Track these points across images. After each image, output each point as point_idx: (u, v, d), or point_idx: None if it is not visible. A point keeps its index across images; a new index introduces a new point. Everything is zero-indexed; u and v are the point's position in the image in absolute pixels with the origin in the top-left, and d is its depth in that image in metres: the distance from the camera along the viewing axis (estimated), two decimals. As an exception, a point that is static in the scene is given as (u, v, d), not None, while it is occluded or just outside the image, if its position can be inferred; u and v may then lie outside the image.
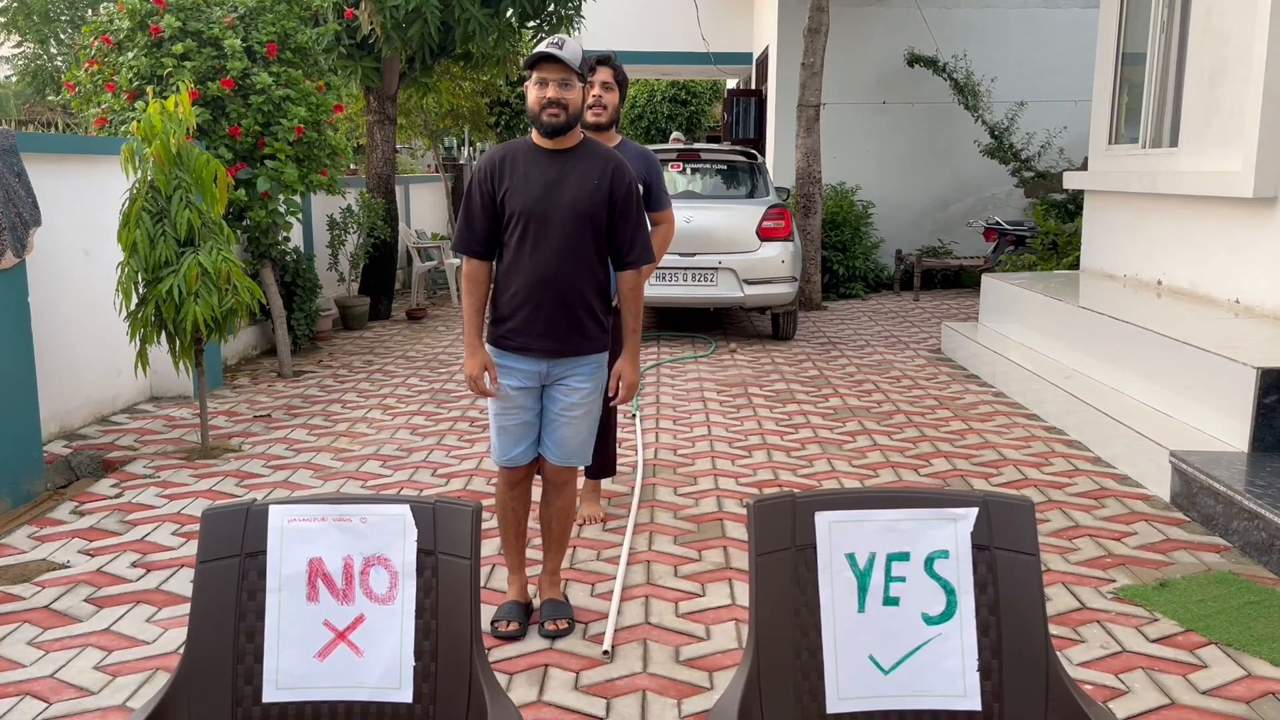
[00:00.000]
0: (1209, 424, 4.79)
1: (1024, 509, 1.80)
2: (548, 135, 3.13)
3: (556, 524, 3.44)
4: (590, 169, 3.17)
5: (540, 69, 3.09)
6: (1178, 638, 3.30)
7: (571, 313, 3.19)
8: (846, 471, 5.10)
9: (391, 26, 8.75)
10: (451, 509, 1.76)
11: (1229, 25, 6.10)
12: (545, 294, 3.16)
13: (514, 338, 3.22)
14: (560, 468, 3.33)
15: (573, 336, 3.21)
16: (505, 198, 3.16)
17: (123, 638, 3.33)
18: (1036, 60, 12.48)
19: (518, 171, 3.16)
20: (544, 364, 3.23)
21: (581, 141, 3.22)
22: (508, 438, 3.29)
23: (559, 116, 3.09)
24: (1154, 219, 7.01)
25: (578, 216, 3.14)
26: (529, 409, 3.28)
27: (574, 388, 3.26)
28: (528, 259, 3.15)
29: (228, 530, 1.76)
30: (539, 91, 3.09)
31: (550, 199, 3.13)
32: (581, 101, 3.15)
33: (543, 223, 3.13)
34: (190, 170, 5.17)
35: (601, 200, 3.16)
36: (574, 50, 3.12)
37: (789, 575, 1.77)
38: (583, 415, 3.29)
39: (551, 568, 3.48)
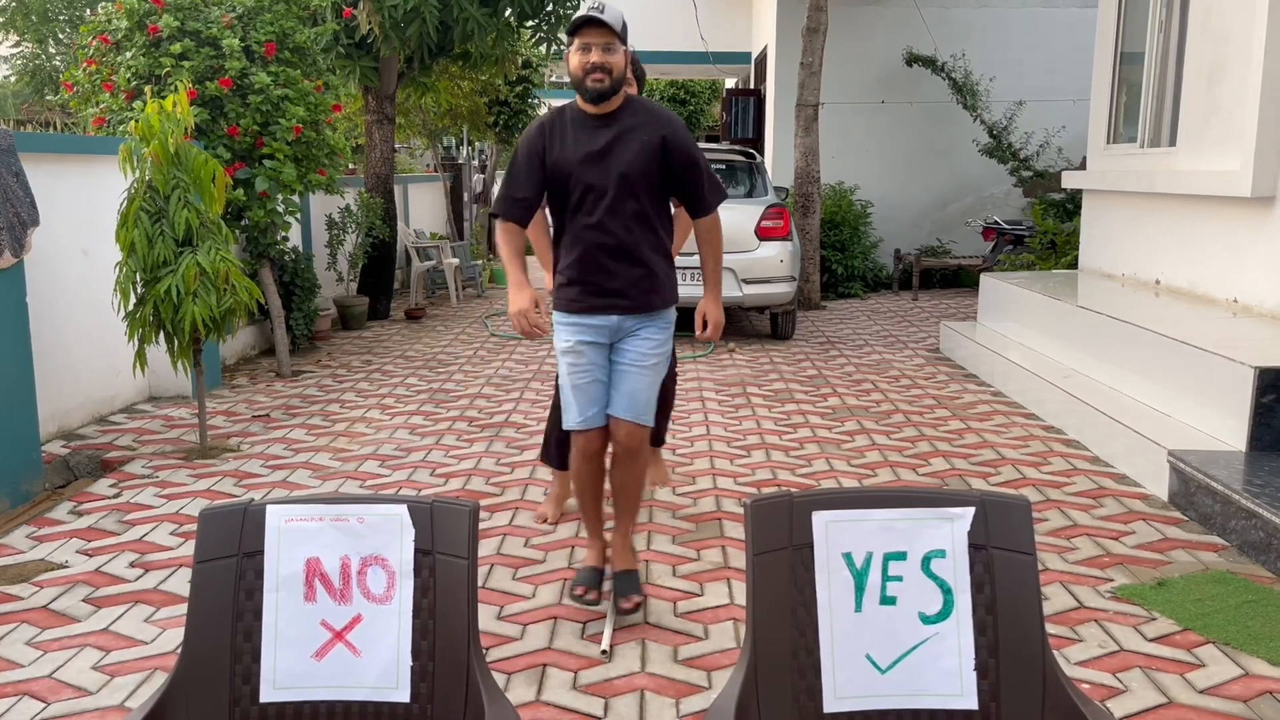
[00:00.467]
0: (1207, 423, 4.80)
1: (1021, 508, 1.80)
2: (593, 101, 3.12)
3: (630, 489, 3.42)
4: (639, 127, 3.16)
5: (582, 34, 3.07)
6: (1175, 637, 3.30)
7: (633, 272, 3.21)
8: (845, 471, 5.10)
9: (390, 26, 8.75)
10: (449, 509, 1.76)
11: (1227, 25, 6.10)
12: (609, 256, 3.18)
13: (582, 300, 3.23)
14: (631, 429, 3.29)
15: (642, 293, 3.23)
16: (556, 166, 3.16)
17: (121, 637, 3.33)
18: (1035, 60, 12.48)
19: (567, 139, 3.16)
20: (614, 318, 3.24)
21: (626, 101, 3.21)
22: (583, 396, 3.28)
23: (603, 81, 3.07)
24: (1152, 218, 7.02)
25: (631, 178, 3.14)
26: (600, 365, 3.29)
27: (645, 338, 3.27)
28: (588, 224, 3.16)
29: (225, 530, 1.76)
30: (582, 57, 3.07)
31: (604, 164, 3.13)
32: (625, 65, 3.13)
33: (599, 187, 3.14)
34: (188, 170, 5.17)
35: (655, 159, 3.16)
36: (616, 14, 3.10)
37: (786, 575, 1.77)
38: (652, 367, 3.29)
39: (622, 535, 3.49)
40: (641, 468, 3.41)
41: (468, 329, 9.74)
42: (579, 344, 3.26)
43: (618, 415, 3.30)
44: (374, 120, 10.21)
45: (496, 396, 6.77)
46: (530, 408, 6.45)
